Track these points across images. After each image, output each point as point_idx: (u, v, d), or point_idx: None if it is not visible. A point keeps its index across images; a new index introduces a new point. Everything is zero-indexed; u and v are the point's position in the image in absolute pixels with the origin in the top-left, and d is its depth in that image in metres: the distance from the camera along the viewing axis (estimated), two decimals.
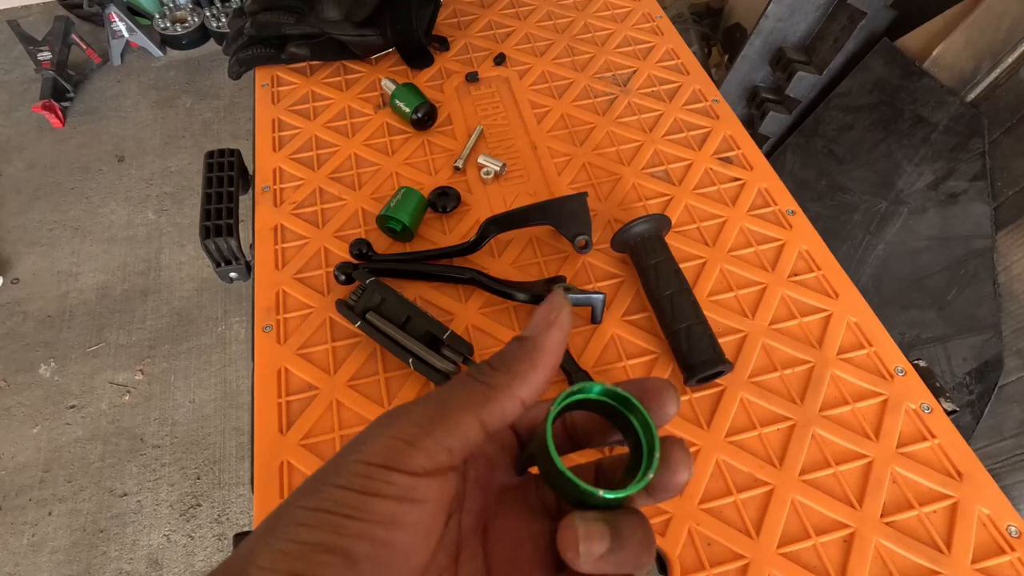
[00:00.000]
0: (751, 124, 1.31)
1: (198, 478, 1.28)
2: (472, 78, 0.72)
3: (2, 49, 2.03)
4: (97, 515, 1.22)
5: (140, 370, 1.41)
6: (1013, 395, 0.94)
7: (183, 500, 1.25)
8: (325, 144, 0.66)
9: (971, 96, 0.95)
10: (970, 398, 0.96)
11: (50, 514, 1.22)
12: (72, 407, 1.35)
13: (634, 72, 0.73)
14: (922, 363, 0.51)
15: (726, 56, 1.58)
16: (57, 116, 1.79)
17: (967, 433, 0.95)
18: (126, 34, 1.91)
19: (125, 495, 1.25)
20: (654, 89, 0.71)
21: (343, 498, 0.17)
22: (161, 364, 1.42)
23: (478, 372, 0.20)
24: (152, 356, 1.43)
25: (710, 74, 1.53)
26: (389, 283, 0.53)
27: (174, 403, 1.37)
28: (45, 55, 1.77)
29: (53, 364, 1.40)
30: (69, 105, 1.88)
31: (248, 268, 0.62)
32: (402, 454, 0.17)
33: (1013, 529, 0.43)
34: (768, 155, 1.30)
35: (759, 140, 1.28)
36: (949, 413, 0.48)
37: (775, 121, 1.24)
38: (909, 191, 1.03)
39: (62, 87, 1.84)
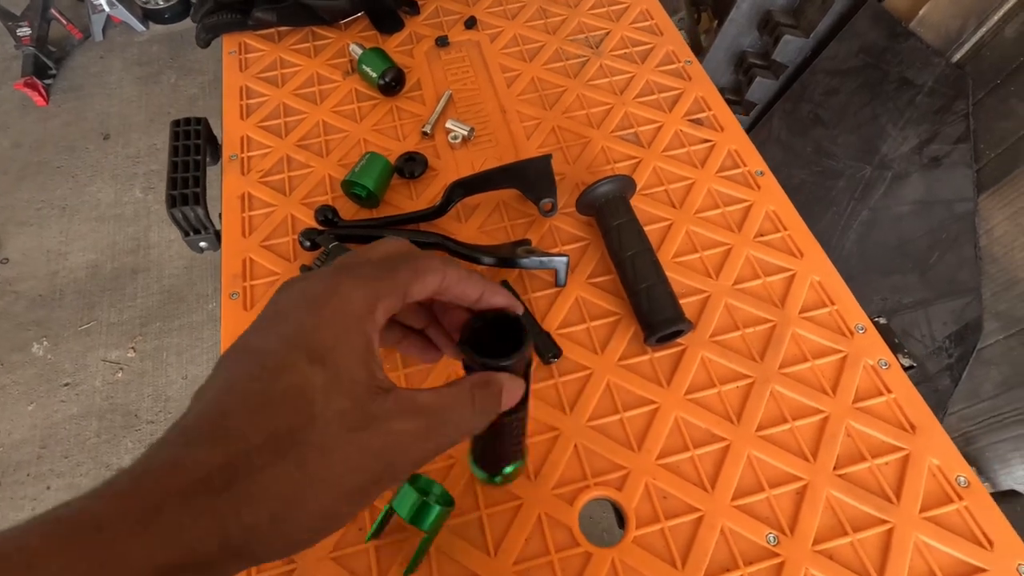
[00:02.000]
0: (738, 90, 1.29)
1: None
2: (442, 42, 0.71)
3: None
4: None
5: (132, 347, 1.42)
6: (991, 358, 0.95)
7: None
8: (293, 111, 0.66)
9: (956, 56, 0.93)
10: (949, 361, 0.96)
11: (48, 488, 1.24)
12: (66, 385, 1.37)
13: (607, 34, 0.72)
14: (882, 320, 0.51)
15: (716, 22, 1.55)
16: (40, 94, 1.77)
17: (945, 396, 0.95)
18: (107, 8, 1.88)
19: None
20: (627, 51, 0.70)
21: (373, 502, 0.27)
22: (153, 341, 1.43)
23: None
24: (144, 333, 1.44)
25: (699, 40, 1.50)
26: (355, 249, 0.53)
27: (167, 379, 1.39)
28: (24, 31, 1.75)
29: (46, 343, 1.42)
30: (52, 82, 1.85)
31: (218, 237, 0.62)
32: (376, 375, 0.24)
33: (962, 479, 0.44)
34: (755, 122, 1.28)
35: (746, 107, 1.26)
36: (906, 368, 0.48)
37: (762, 87, 1.22)
38: (893, 155, 1.02)
39: (44, 64, 1.81)
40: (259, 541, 0.21)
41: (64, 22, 1.88)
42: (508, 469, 0.41)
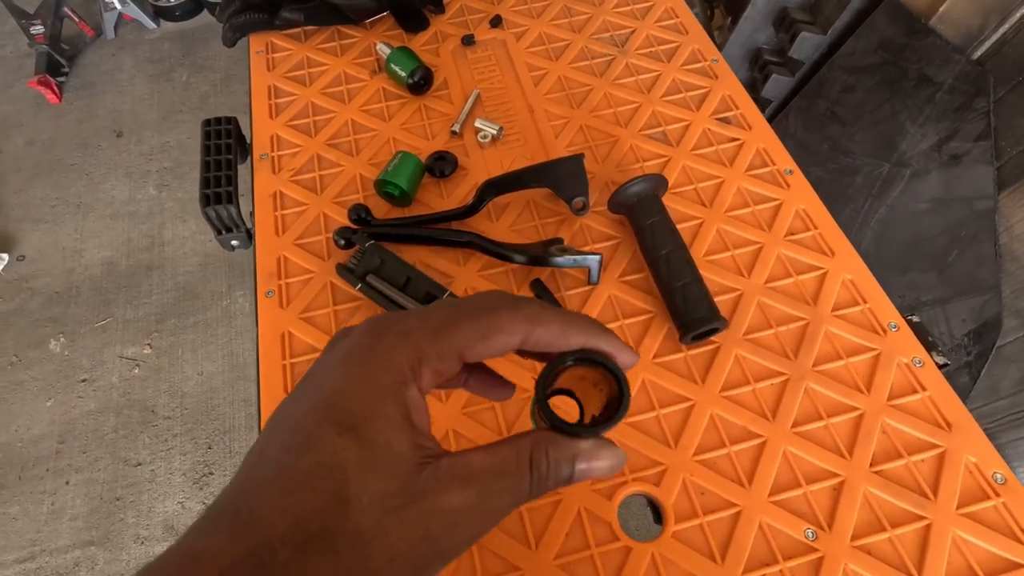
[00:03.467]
0: (753, 88, 1.29)
1: (209, 447, 1.31)
2: (468, 41, 0.71)
3: None
4: (113, 484, 1.26)
5: (148, 344, 1.43)
6: (1011, 355, 0.95)
7: (196, 469, 1.28)
8: (321, 110, 0.66)
9: (977, 53, 0.93)
10: (967, 359, 0.96)
11: (67, 483, 1.26)
12: (83, 381, 1.38)
13: (632, 32, 0.72)
14: (915, 318, 0.51)
15: (729, 18, 1.54)
16: (53, 91, 1.78)
17: (964, 393, 0.96)
18: (118, 6, 1.88)
19: (139, 465, 1.28)
20: (652, 49, 0.70)
21: None
22: (168, 338, 1.44)
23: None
24: (159, 330, 1.45)
25: (712, 37, 1.50)
26: (388, 247, 0.54)
27: (183, 376, 1.40)
28: (38, 28, 1.75)
29: (63, 339, 1.43)
30: (65, 80, 1.86)
31: (249, 236, 0.63)
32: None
33: (999, 476, 0.44)
34: (770, 119, 1.28)
35: (761, 104, 1.26)
36: (941, 367, 0.49)
37: (778, 84, 1.22)
38: (912, 153, 1.02)
39: (57, 62, 1.82)
40: None
41: (76, 20, 1.89)
42: None
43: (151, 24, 1.97)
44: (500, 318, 0.22)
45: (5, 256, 1.53)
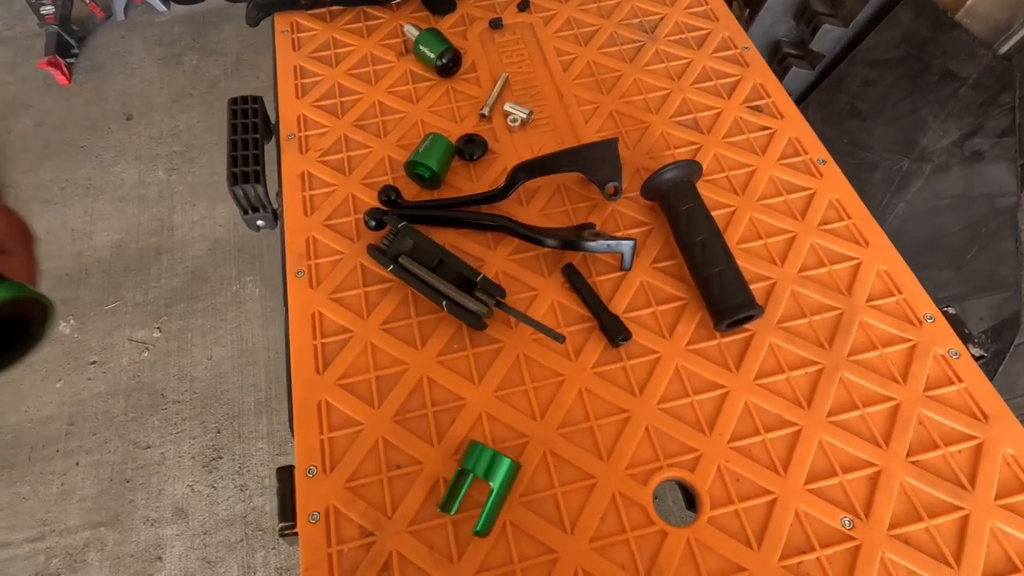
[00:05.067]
0: None
1: (218, 432, 1.31)
2: (496, 24, 0.70)
3: (4, 3, 1.98)
4: (123, 466, 1.25)
5: (158, 327, 1.43)
6: None
7: (204, 452, 1.28)
8: (348, 91, 0.65)
9: (1004, 48, 0.92)
10: (985, 356, 0.96)
11: (77, 464, 1.26)
12: (93, 363, 1.37)
13: (661, 19, 0.71)
14: (951, 310, 0.51)
15: (747, 10, 1.53)
16: (63, 73, 1.76)
17: None
18: None
19: (149, 447, 1.28)
20: (682, 36, 0.70)
21: None
22: (178, 322, 1.44)
23: None
24: (169, 314, 1.45)
25: None
26: (418, 229, 0.53)
27: (192, 360, 1.39)
28: (48, 9, 1.74)
29: (72, 321, 1.42)
30: (74, 61, 1.84)
31: (275, 216, 0.62)
32: None
33: None
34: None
35: None
36: (977, 359, 0.48)
37: (797, 77, 1.21)
38: (933, 148, 1.01)
39: (66, 43, 1.80)
40: None
41: (87, 1, 1.87)
42: None
43: (161, 7, 1.95)
44: None
45: None
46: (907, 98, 1.05)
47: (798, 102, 1.25)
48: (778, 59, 1.26)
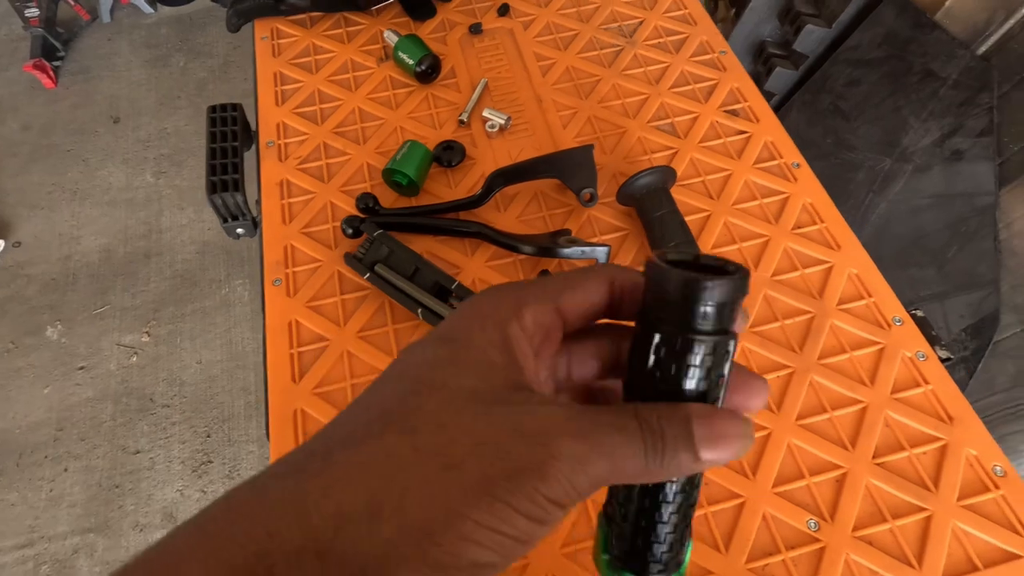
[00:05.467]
0: (757, 81, 1.28)
1: (208, 436, 1.31)
2: (475, 29, 0.71)
3: None
4: (112, 471, 1.26)
5: (146, 332, 1.43)
6: (1007, 350, 0.96)
7: (194, 457, 1.29)
8: (328, 98, 0.66)
9: (982, 49, 0.93)
10: (964, 354, 0.97)
11: (66, 470, 1.26)
12: (81, 368, 1.37)
13: (640, 23, 0.72)
14: (919, 313, 0.52)
15: (733, 10, 1.54)
16: (49, 76, 1.76)
17: (960, 388, 0.96)
18: None
19: (138, 452, 1.28)
20: (661, 40, 0.70)
21: (524, 527, 0.16)
22: (167, 326, 1.44)
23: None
24: (157, 318, 1.45)
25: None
26: (395, 237, 0.54)
27: (181, 364, 1.39)
28: (32, 11, 1.73)
29: (60, 326, 1.42)
30: (60, 64, 1.84)
31: (255, 224, 0.62)
32: (570, 495, 0.17)
33: (999, 469, 0.45)
34: (774, 112, 1.28)
35: (765, 97, 1.26)
36: (943, 361, 0.49)
37: (781, 77, 1.21)
38: (914, 148, 1.02)
39: (52, 45, 1.79)
40: (350, 536, 0.16)
41: (72, 3, 1.86)
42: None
43: (148, 8, 1.94)
44: (584, 271, 0.22)
45: (1, 242, 1.52)
46: (889, 98, 1.06)
47: (782, 102, 1.26)
48: (763, 59, 1.27)
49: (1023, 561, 0.42)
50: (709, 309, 0.17)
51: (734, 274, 0.17)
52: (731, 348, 0.18)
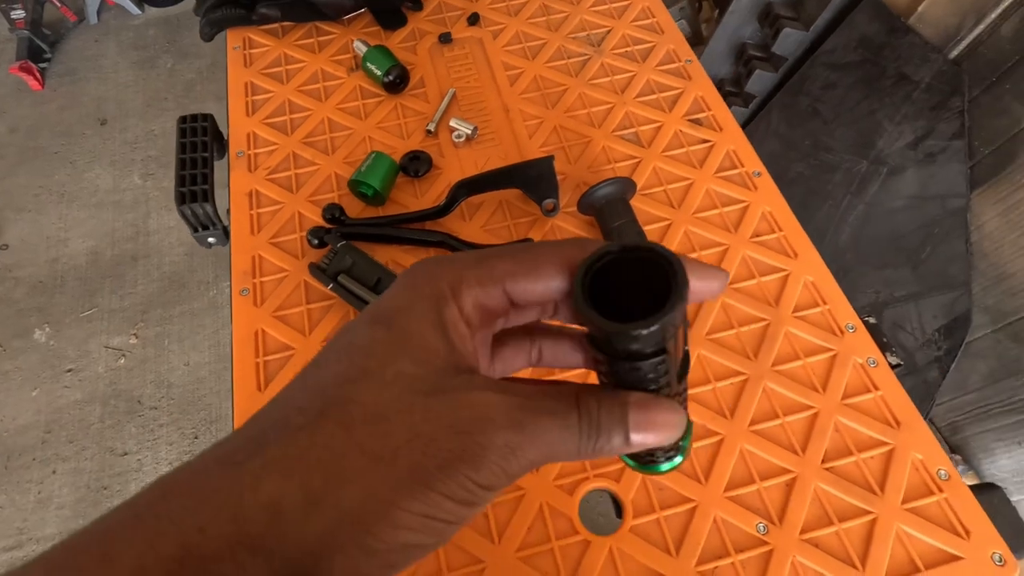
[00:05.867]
0: (738, 82, 1.29)
1: (196, 437, 1.33)
2: (445, 39, 0.71)
3: None
4: (100, 473, 1.27)
5: (134, 334, 1.43)
6: (979, 351, 0.97)
7: (182, 459, 1.30)
8: (298, 108, 0.67)
9: (954, 53, 0.94)
10: (938, 354, 0.99)
11: (54, 472, 1.27)
12: (69, 371, 1.38)
13: (608, 32, 0.73)
14: (871, 320, 0.53)
15: (716, 11, 1.54)
16: (35, 78, 1.76)
17: (933, 388, 0.98)
18: None
19: (126, 454, 1.29)
20: (628, 49, 0.71)
21: (456, 512, 0.17)
22: (155, 328, 1.45)
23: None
24: (145, 320, 1.45)
25: (700, 30, 1.50)
26: (362, 247, 0.55)
27: (169, 366, 1.40)
28: (18, 13, 1.73)
29: (47, 329, 1.43)
30: (47, 66, 1.84)
31: (226, 233, 0.63)
32: (501, 479, 0.18)
33: (943, 472, 0.46)
34: (754, 114, 1.29)
35: (745, 99, 1.27)
36: (894, 367, 0.50)
37: (761, 79, 1.22)
38: (889, 150, 1.03)
39: (38, 47, 1.79)
40: (283, 529, 0.16)
41: (58, 4, 1.86)
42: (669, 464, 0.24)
43: (135, 9, 1.94)
44: (543, 249, 0.20)
45: None
46: (864, 100, 1.07)
47: (763, 104, 1.27)
48: (743, 61, 1.28)
49: (964, 562, 0.43)
50: (640, 346, 0.18)
51: (662, 313, 0.17)
52: (669, 359, 0.19)
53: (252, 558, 0.15)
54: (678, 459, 0.23)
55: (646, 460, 0.23)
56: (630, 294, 0.18)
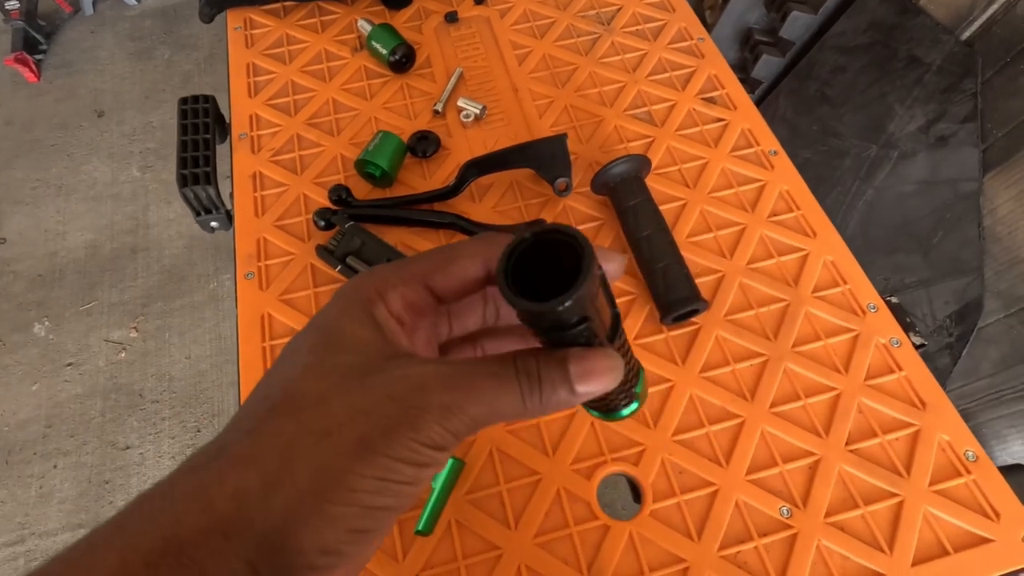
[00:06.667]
0: (744, 68, 1.28)
1: (198, 431, 1.31)
2: (451, 18, 0.70)
3: None
4: (101, 467, 1.25)
5: (134, 327, 1.42)
6: (991, 336, 0.96)
7: (184, 452, 1.28)
8: (302, 89, 0.65)
9: (966, 34, 0.92)
10: (949, 340, 0.98)
11: (55, 467, 1.25)
12: (69, 365, 1.37)
13: (618, 10, 0.71)
14: (894, 300, 0.51)
15: None
16: (31, 70, 1.73)
17: (944, 374, 0.97)
18: None
19: (127, 448, 1.28)
20: (638, 27, 0.69)
21: (410, 472, 0.19)
22: (155, 321, 1.43)
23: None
24: (145, 314, 1.44)
25: (704, 16, 1.48)
26: (369, 229, 0.53)
27: (170, 359, 1.39)
28: (13, 4, 1.70)
29: (47, 323, 1.41)
30: (43, 58, 1.81)
31: (229, 217, 0.62)
32: (446, 438, 0.19)
33: (971, 454, 0.45)
34: (760, 100, 1.27)
35: (752, 85, 1.25)
36: (917, 347, 0.49)
37: (768, 64, 1.21)
38: (900, 135, 1.01)
39: (34, 39, 1.77)
40: (249, 512, 0.17)
41: None
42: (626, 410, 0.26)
43: (131, 0, 1.92)
44: (458, 247, 0.23)
45: None
46: (874, 84, 1.05)
47: (769, 89, 1.25)
48: (750, 46, 1.26)
49: (993, 545, 0.42)
50: (564, 317, 0.19)
51: (576, 287, 0.18)
52: (593, 323, 0.20)
53: (225, 542, 0.17)
54: (634, 405, 0.26)
55: (606, 408, 0.26)
56: (552, 273, 0.20)
